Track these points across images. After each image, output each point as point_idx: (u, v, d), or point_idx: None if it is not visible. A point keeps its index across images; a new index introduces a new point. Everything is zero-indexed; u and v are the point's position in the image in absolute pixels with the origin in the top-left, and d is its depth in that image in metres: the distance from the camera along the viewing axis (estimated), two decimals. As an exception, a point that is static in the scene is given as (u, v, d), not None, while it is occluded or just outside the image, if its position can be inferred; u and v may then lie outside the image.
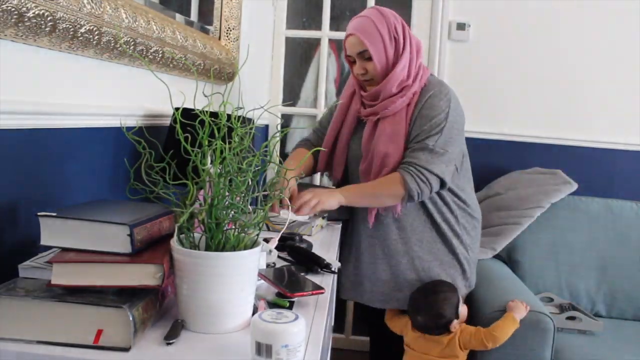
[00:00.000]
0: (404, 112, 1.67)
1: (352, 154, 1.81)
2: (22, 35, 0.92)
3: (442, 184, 1.63)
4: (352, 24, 1.67)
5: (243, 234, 0.91)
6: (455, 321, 1.67)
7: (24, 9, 0.88)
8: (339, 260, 1.66)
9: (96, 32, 1.08)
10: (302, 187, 1.98)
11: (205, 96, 0.96)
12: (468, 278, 1.81)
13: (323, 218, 1.79)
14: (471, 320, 1.77)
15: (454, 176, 1.71)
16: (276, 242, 1.26)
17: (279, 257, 1.30)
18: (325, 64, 2.78)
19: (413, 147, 1.63)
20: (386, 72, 1.65)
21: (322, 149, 1.80)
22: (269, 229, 1.63)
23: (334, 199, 1.55)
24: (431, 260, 1.75)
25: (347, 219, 1.85)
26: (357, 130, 1.79)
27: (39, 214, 0.86)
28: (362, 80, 1.70)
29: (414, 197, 1.60)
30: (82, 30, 1.04)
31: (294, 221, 1.63)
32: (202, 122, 0.90)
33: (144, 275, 0.85)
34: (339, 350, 2.81)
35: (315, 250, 1.45)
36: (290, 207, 1.33)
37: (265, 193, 0.97)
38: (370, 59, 1.63)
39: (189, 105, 0.98)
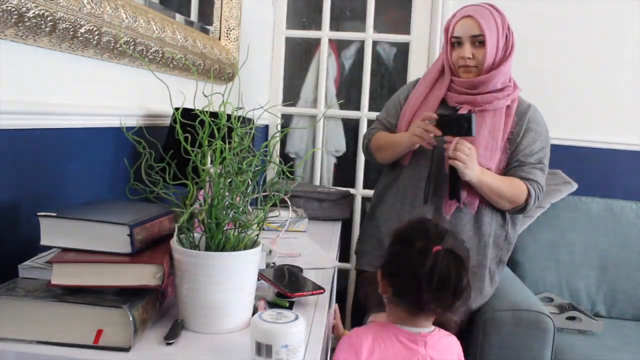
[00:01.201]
0: (504, 112, 1.67)
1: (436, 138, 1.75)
2: (22, 35, 0.92)
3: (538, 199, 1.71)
4: (468, 9, 1.66)
5: (243, 234, 0.91)
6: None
7: (24, 9, 0.88)
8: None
9: (96, 32, 1.08)
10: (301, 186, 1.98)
11: (205, 96, 0.96)
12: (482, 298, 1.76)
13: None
14: (471, 320, 1.77)
15: None
16: (277, 242, 1.26)
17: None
18: (325, 64, 2.78)
19: (531, 163, 1.68)
20: (491, 66, 1.64)
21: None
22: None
23: (473, 172, 1.58)
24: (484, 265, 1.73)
25: (348, 218, 1.85)
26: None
27: (39, 214, 0.86)
28: (464, 65, 1.66)
29: (522, 211, 1.69)
30: (82, 30, 1.04)
31: (287, 219, 1.61)
32: (202, 122, 0.90)
33: (144, 275, 0.85)
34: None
35: (315, 249, 1.45)
36: (290, 207, 1.28)
37: (265, 194, 0.97)
38: (482, 44, 1.62)
39: (189, 105, 0.98)
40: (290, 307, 1.00)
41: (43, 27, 0.94)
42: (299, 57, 2.94)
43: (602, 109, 2.61)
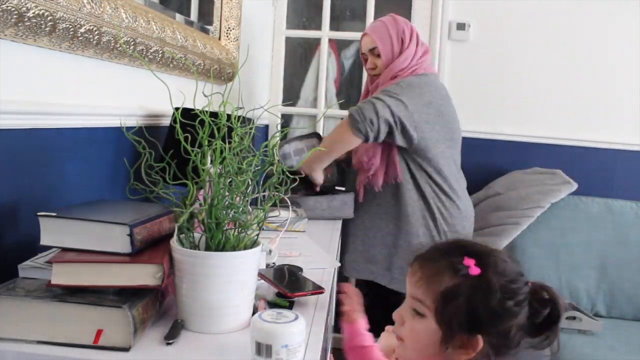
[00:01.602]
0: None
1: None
2: (22, 35, 0.92)
3: (390, 122, 1.83)
4: (368, 27, 2.04)
5: (243, 234, 0.91)
6: None
7: (24, 8, 0.88)
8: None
9: (96, 32, 1.08)
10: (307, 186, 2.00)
11: (205, 96, 0.96)
12: None
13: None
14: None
15: (428, 154, 1.90)
16: (276, 242, 1.26)
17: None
18: (325, 64, 2.78)
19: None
20: (389, 66, 1.94)
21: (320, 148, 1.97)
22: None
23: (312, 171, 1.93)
24: (399, 237, 1.96)
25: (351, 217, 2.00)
26: None
27: (39, 214, 0.86)
28: (372, 75, 2.01)
29: (360, 131, 1.83)
30: (82, 30, 1.04)
31: (286, 219, 1.61)
32: (202, 122, 0.90)
33: (144, 275, 0.85)
34: (339, 350, 2.80)
35: (314, 249, 1.45)
36: (290, 207, 1.29)
37: (265, 193, 0.97)
38: (379, 55, 1.95)
39: (189, 105, 0.98)
40: (290, 307, 1.00)
41: (43, 27, 0.94)
42: (299, 57, 2.94)
43: (602, 109, 2.61)
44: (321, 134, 2.84)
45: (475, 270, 0.91)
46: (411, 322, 0.95)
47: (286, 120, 2.90)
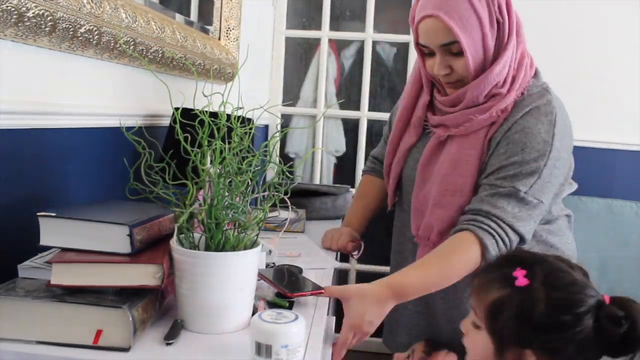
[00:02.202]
0: (483, 134, 1.18)
1: (406, 174, 1.34)
2: (22, 35, 0.92)
3: (521, 242, 1.16)
4: (434, 1, 1.11)
5: (243, 234, 0.91)
6: None
7: (24, 8, 0.88)
8: None
9: (96, 32, 1.08)
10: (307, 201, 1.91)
11: (205, 96, 0.96)
12: None
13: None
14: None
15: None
16: (277, 242, 1.26)
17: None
18: (325, 64, 2.78)
19: (496, 187, 1.13)
20: (481, 71, 1.15)
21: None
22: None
23: (383, 310, 1.04)
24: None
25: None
26: (420, 142, 1.31)
27: (39, 214, 0.86)
28: (446, 82, 1.20)
29: (491, 261, 1.11)
30: (82, 30, 1.04)
31: (285, 219, 1.59)
32: (201, 122, 0.90)
33: (143, 275, 0.85)
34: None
35: (314, 249, 1.45)
36: (290, 207, 1.26)
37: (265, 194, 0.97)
38: (460, 53, 1.12)
39: (188, 105, 0.98)
40: (290, 307, 1.00)
41: (43, 27, 0.94)
42: (299, 57, 2.94)
43: (602, 109, 2.61)
44: (321, 136, 2.85)
45: (522, 282, 0.87)
46: (470, 334, 0.95)
47: (286, 120, 2.91)
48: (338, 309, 1.16)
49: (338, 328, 1.05)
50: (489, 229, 1.10)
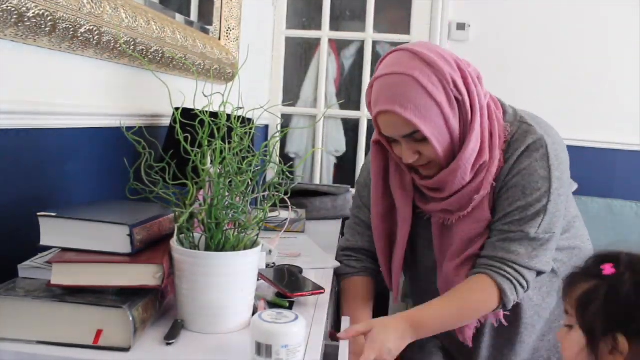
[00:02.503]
0: (485, 202, 1.17)
1: (419, 263, 1.30)
2: (22, 35, 0.92)
3: (540, 274, 1.18)
4: (382, 90, 1.07)
5: (243, 234, 0.91)
6: None
7: (24, 8, 0.88)
8: None
9: (96, 32, 1.08)
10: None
11: (205, 96, 0.96)
12: None
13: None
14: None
15: None
16: (276, 242, 1.26)
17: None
18: (325, 64, 2.78)
19: (506, 232, 1.14)
20: (452, 150, 1.12)
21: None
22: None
23: (402, 343, 1.07)
24: None
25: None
26: (416, 228, 1.27)
27: (39, 214, 0.86)
28: (416, 165, 1.16)
29: (507, 307, 1.15)
30: (82, 30, 1.04)
31: (285, 219, 1.61)
32: (202, 122, 0.90)
33: (144, 275, 0.85)
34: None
35: (314, 249, 1.45)
36: (290, 207, 1.27)
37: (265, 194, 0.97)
38: (425, 140, 1.08)
39: (188, 105, 0.98)
40: (290, 307, 1.00)
41: (43, 27, 0.94)
42: (299, 57, 2.94)
43: (602, 109, 2.61)
44: (321, 136, 2.85)
45: (609, 271, 0.91)
46: (565, 338, 0.96)
47: (286, 120, 2.91)
48: (337, 310, 1.16)
49: (337, 327, 1.05)
50: (506, 274, 1.12)
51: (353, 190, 2.47)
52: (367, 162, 1.36)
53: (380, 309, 1.40)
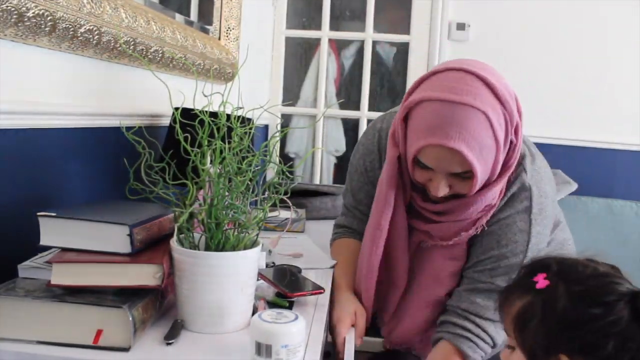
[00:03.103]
0: (465, 240, 1.15)
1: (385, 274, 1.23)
2: (22, 35, 0.92)
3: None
4: (447, 120, 0.96)
5: (243, 234, 0.91)
6: None
7: (24, 8, 0.88)
8: None
9: (96, 32, 1.08)
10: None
11: (205, 96, 0.96)
12: None
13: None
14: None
15: None
16: (277, 242, 1.26)
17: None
18: (325, 64, 2.78)
19: (475, 282, 1.12)
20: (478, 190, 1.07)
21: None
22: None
23: None
24: None
25: None
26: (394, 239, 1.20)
27: (39, 214, 0.86)
28: (436, 195, 1.07)
29: None
30: (82, 30, 1.04)
31: (286, 218, 1.61)
32: (201, 122, 0.90)
33: (144, 275, 0.85)
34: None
35: (314, 249, 1.45)
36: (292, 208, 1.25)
37: (265, 197, 0.97)
38: (468, 178, 1.02)
39: (188, 105, 0.98)
40: (290, 307, 1.00)
41: (43, 27, 0.94)
42: (299, 57, 2.94)
43: (602, 109, 2.61)
44: (321, 136, 2.85)
45: (542, 283, 0.82)
46: (508, 359, 0.88)
47: (286, 120, 2.91)
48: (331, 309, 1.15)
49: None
50: (464, 333, 1.10)
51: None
52: (365, 145, 1.27)
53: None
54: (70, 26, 1.00)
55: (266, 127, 2.67)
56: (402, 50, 2.82)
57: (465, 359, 1.09)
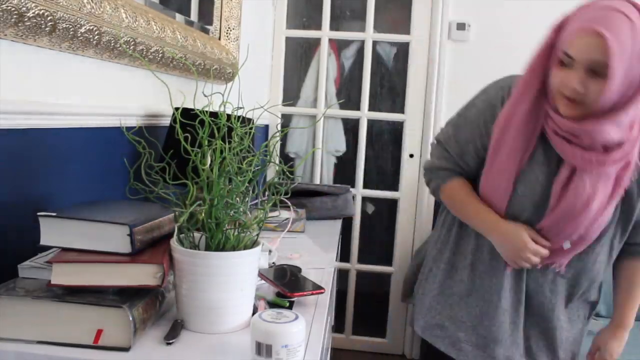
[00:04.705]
0: (612, 179, 1.16)
1: (525, 191, 1.21)
2: (22, 35, 0.92)
3: None
4: (599, 16, 1.06)
5: (243, 234, 0.91)
6: None
7: (24, 8, 0.88)
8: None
9: (96, 32, 1.08)
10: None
11: (205, 96, 0.96)
12: None
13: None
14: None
15: None
16: (277, 243, 1.26)
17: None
18: (325, 63, 2.78)
19: None
20: (611, 107, 1.08)
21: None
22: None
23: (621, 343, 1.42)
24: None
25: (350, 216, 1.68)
26: (535, 156, 1.21)
27: (39, 214, 0.86)
28: (566, 96, 1.10)
29: None
30: (82, 30, 1.04)
31: (286, 218, 1.62)
32: (202, 122, 0.90)
33: (144, 275, 0.85)
34: (339, 350, 2.81)
35: (314, 249, 1.45)
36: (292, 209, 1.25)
37: (265, 199, 0.97)
38: (604, 77, 1.04)
39: (189, 105, 0.98)
40: (290, 307, 1.00)
41: (43, 27, 0.94)
42: (299, 57, 2.94)
43: (602, 109, 2.60)
44: (321, 136, 2.85)
45: None
46: None
47: (286, 120, 2.91)
48: (337, 310, 1.16)
49: (337, 329, 1.05)
50: None
51: (353, 190, 2.47)
52: (487, 101, 1.29)
53: (382, 309, 1.40)
54: (71, 26, 1.00)
55: (266, 127, 2.67)
56: (402, 50, 2.82)
57: None
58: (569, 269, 1.26)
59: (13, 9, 0.86)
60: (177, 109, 0.99)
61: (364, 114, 2.79)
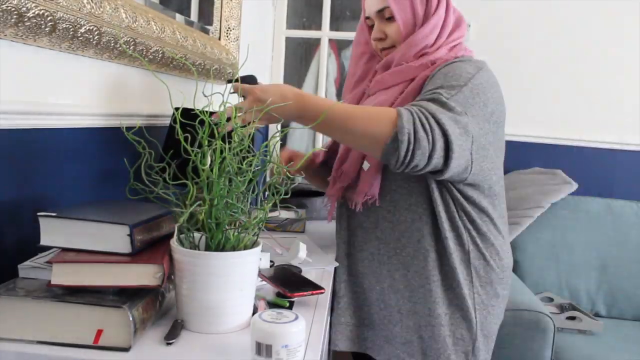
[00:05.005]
0: (418, 84, 1.26)
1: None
2: (22, 35, 0.92)
3: (448, 154, 1.08)
4: None
5: (243, 234, 0.91)
6: None
7: (24, 9, 0.88)
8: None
9: (96, 32, 1.08)
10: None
11: (205, 96, 0.96)
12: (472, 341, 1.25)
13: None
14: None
15: (479, 190, 1.23)
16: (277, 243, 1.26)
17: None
18: (325, 64, 2.78)
19: (420, 98, 1.17)
20: (413, 30, 1.29)
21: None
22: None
23: (287, 110, 1.11)
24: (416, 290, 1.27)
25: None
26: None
27: (39, 214, 0.86)
28: (380, 48, 1.33)
29: (401, 142, 1.05)
30: (82, 30, 1.04)
31: (286, 219, 1.62)
32: (202, 122, 0.90)
33: (144, 275, 0.85)
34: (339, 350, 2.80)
35: (314, 249, 1.45)
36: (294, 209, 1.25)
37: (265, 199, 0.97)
38: (391, 18, 1.28)
39: (189, 105, 0.98)
40: (290, 307, 1.00)
41: (43, 27, 0.94)
42: (299, 57, 2.94)
43: (602, 109, 2.61)
44: (321, 136, 2.85)
45: None
46: None
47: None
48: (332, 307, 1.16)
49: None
50: (408, 108, 1.11)
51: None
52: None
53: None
54: (71, 26, 1.00)
55: (266, 127, 2.67)
56: (402, 50, 2.82)
57: (397, 118, 1.07)
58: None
59: (13, 9, 0.86)
60: (177, 109, 0.99)
61: (364, 114, 2.79)
